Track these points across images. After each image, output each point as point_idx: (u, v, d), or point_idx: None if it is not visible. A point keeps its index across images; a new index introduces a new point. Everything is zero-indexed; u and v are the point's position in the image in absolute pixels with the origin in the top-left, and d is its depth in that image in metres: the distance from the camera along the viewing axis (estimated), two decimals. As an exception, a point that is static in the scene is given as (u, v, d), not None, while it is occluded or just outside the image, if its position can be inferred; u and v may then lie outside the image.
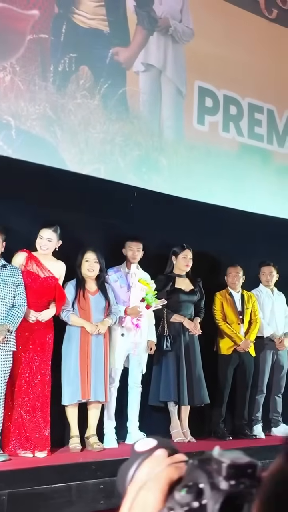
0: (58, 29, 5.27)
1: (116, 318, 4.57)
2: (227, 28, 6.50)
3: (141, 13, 5.89)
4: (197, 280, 5.24)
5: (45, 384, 4.24)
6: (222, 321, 5.34)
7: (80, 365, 4.32)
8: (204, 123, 6.20)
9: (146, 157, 5.68)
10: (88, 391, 4.30)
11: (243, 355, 5.32)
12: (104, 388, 4.37)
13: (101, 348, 4.42)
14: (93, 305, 4.48)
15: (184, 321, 5.03)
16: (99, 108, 5.41)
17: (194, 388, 4.97)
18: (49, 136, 5.07)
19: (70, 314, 4.40)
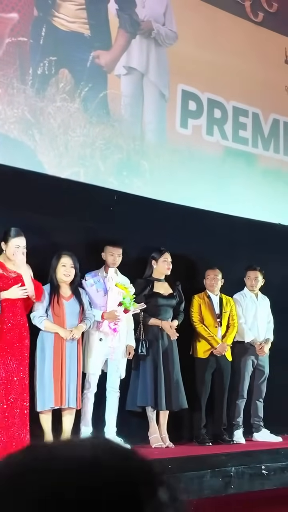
0: (38, 32, 5.24)
1: (90, 323, 4.54)
2: (212, 31, 6.48)
3: (123, 16, 5.87)
4: (176, 284, 5.21)
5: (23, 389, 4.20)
6: (199, 323, 5.30)
7: (54, 372, 4.29)
8: (187, 126, 6.17)
9: (127, 161, 5.65)
10: (62, 397, 4.27)
11: (220, 359, 5.28)
12: (76, 394, 4.33)
13: (74, 354, 4.39)
14: (67, 310, 4.45)
15: (161, 324, 4.99)
16: (79, 111, 5.38)
17: (172, 393, 4.93)
18: (27, 140, 5.04)
19: (43, 320, 4.36)
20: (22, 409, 4.17)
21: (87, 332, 4.67)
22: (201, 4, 6.46)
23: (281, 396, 5.79)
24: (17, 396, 4.15)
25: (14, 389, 4.15)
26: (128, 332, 4.85)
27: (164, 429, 5.04)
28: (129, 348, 4.83)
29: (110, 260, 4.85)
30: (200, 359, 5.27)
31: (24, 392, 4.21)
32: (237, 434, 5.39)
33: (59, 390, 4.27)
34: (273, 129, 6.85)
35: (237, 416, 5.43)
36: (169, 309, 5.10)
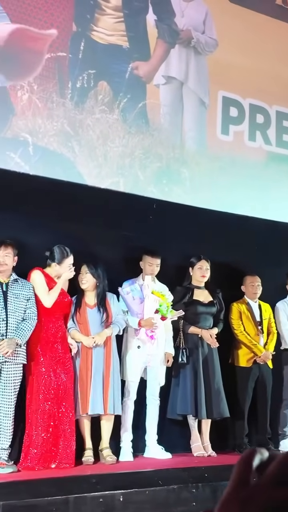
0: (76, 46, 5.37)
1: (118, 329, 4.56)
2: (253, 37, 6.44)
3: (162, 26, 5.93)
4: (217, 292, 5.18)
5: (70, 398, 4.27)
6: (240, 332, 5.24)
7: (80, 381, 4.35)
8: (228, 133, 6.15)
9: (166, 169, 5.68)
10: (87, 405, 4.30)
11: (262, 367, 5.20)
12: (103, 401, 4.35)
13: (100, 361, 4.42)
14: (90, 318, 4.49)
15: (201, 333, 4.97)
16: (118, 122, 5.46)
17: (213, 401, 4.89)
18: (66, 152, 5.16)
19: (71, 330, 4.44)
20: (71, 418, 4.23)
21: (126, 340, 4.71)
22: (241, 10, 6.43)
23: None
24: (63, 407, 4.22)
25: (60, 400, 4.22)
26: (167, 339, 4.86)
27: (206, 438, 5.01)
28: (167, 356, 4.84)
29: (148, 270, 4.88)
30: (242, 368, 5.20)
31: (70, 402, 4.26)
32: (284, 444, 5.29)
33: (84, 398, 4.31)
34: None
35: (283, 425, 5.33)
36: (209, 317, 5.07)
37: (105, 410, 4.35)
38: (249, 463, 0.56)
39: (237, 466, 0.57)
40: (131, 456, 4.59)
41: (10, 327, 4.07)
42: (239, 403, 5.15)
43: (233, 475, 0.56)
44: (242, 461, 0.56)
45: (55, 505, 3.28)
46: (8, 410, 4.05)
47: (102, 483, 3.57)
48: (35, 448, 4.08)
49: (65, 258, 4.41)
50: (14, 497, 3.23)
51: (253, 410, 5.29)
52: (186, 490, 3.83)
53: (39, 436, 4.10)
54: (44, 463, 4.08)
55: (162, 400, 4.90)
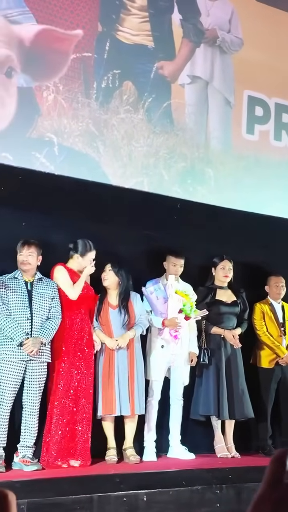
0: (102, 47, 5.38)
1: (141, 329, 4.55)
2: (279, 35, 6.39)
3: (187, 26, 5.91)
4: (241, 292, 5.15)
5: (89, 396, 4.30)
6: (263, 332, 5.20)
7: (103, 381, 4.35)
8: (253, 132, 6.11)
9: (191, 169, 5.66)
10: (110, 406, 4.31)
11: (285, 368, 5.16)
12: (129, 402, 4.36)
13: (124, 362, 4.42)
14: (112, 319, 4.49)
15: (223, 333, 4.95)
16: (143, 122, 5.46)
17: (236, 402, 4.86)
18: (91, 152, 5.17)
19: (96, 330, 4.45)
20: (88, 415, 4.26)
21: (149, 340, 4.71)
22: (267, 9, 6.38)
23: None
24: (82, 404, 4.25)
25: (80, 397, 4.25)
26: (190, 339, 4.84)
27: (230, 439, 4.98)
28: (191, 355, 4.82)
29: (172, 270, 4.87)
30: (264, 369, 5.17)
31: (89, 399, 4.30)
32: (307, 446, 5.23)
33: (108, 398, 4.32)
34: None
35: (306, 427, 5.28)
36: (232, 317, 5.05)
37: (132, 411, 4.36)
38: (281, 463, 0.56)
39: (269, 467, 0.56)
40: (154, 456, 4.59)
41: (35, 326, 4.10)
42: (261, 405, 5.12)
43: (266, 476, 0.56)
44: (274, 461, 0.56)
45: (79, 504, 3.30)
46: (33, 408, 4.08)
47: (125, 483, 3.57)
48: (54, 444, 4.12)
49: (88, 252, 4.46)
50: (39, 495, 3.25)
51: (277, 412, 5.24)
52: (210, 491, 3.81)
53: (58, 432, 4.14)
54: (63, 459, 4.10)
55: (185, 400, 4.88)
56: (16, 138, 4.82)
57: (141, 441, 4.65)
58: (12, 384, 4.01)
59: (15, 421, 4.16)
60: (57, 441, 4.14)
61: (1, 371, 4.02)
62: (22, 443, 4.06)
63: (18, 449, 4.07)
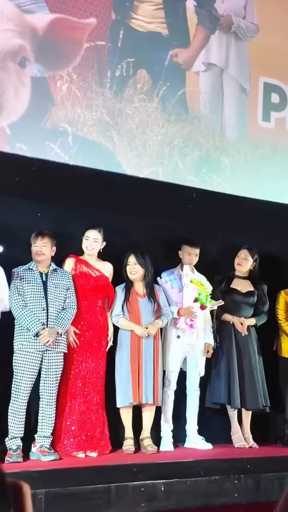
0: (115, 35, 5.33)
1: (167, 320, 4.54)
2: (295, 21, 6.28)
3: (202, 12, 5.83)
4: (261, 283, 5.09)
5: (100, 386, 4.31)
6: (284, 321, 5.15)
7: (131, 369, 4.35)
8: (269, 119, 6.03)
9: (206, 158, 5.61)
10: (139, 394, 4.31)
11: (305, 358, 5.10)
12: (154, 391, 4.35)
13: (151, 351, 4.41)
14: (142, 308, 4.48)
15: (232, 320, 4.90)
16: (158, 110, 5.41)
17: (249, 391, 4.81)
18: (106, 141, 5.14)
19: (120, 318, 4.43)
20: (99, 406, 4.27)
21: (165, 330, 4.69)
22: (283, -6, 6.28)
23: None
24: (95, 394, 4.26)
25: (92, 386, 4.26)
26: (205, 330, 4.81)
27: (247, 429, 4.95)
28: (207, 347, 4.79)
29: (187, 259, 4.84)
30: (284, 358, 5.12)
31: (102, 390, 4.30)
32: None
33: (136, 386, 4.32)
34: None
35: None
36: (246, 307, 5.00)
37: (156, 400, 4.36)
38: None
39: None
40: (171, 446, 4.58)
41: (50, 316, 4.09)
42: (280, 394, 5.08)
43: None
44: None
45: (97, 494, 3.30)
46: (50, 398, 4.09)
47: (143, 473, 3.57)
48: (71, 434, 4.13)
49: (86, 230, 4.47)
50: (57, 485, 3.26)
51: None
52: (228, 481, 3.80)
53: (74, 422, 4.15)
54: (79, 448, 4.11)
55: (202, 390, 4.86)
56: (30, 128, 4.80)
57: (158, 431, 4.64)
58: (29, 374, 4.02)
59: (32, 412, 4.17)
60: (74, 431, 4.16)
61: (18, 361, 4.03)
62: (40, 433, 4.07)
63: (36, 439, 4.08)
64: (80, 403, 4.21)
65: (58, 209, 4.69)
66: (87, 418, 4.20)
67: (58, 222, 4.64)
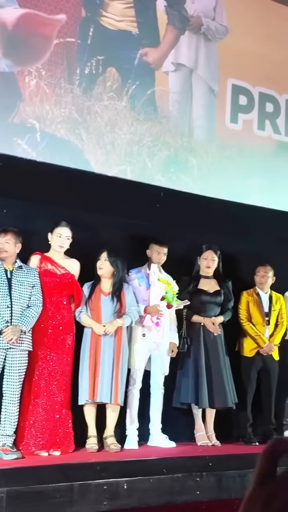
0: (85, 32, 5.31)
1: (131, 320, 4.54)
2: (264, 24, 6.36)
3: (172, 12, 5.86)
4: (226, 281, 5.15)
5: (65, 383, 4.29)
6: (246, 321, 5.22)
7: (89, 366, 4.34)
8: (237, 121, 6.09)
9: (175, 157, 5.63)
10: (94, 392, 4.31)
11: (266, 358, 5.18)
12: (112, 390, 4.35)
13: (111, 349, 4.41)
14: (103, 306, 4.48)
15: (203, 321, 4.95)
16: (127, 109, 5.41)
17: (217, 390, 4.87)
18: (74, 139, 5.12)
19: (81, 315, 4.43)
20: (64, 404, 4.25)
21: (131, 328, 4.70)
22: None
23: None
24: (60, 392, 4.24)
25: (57, 384, 4.24)
26: (171, 329, 4.84)
27: (210, 427, 5.00)
28: (172, 346, 4.82)
29: (156, 258, 4.86)
30: (246, 358, 5.19)
31: (66, 387, 4.28)
32: (287, 434, 5.27)
33: (92, 384, 4.32)
34: None
35: (286, 416, 5.32)
36: (214, 306, 5.05)
37: (115, 399, 4.35)
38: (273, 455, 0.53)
39: (259, 462, 0.54)
40: (136, 445, 4.59)
41: (15, 314, 4.06)
42: (242, 393, 5.14)
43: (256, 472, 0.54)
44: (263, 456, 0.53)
45: (59, 492, 3.29)
46: (13, 396, 4.06)
47: (106, 471, 3.57)
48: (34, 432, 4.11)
49: (55, 227, 4.44)
50: (19, 483, 3.23)
51: (258, 400, 5.28)
52: (191, 479, 3.83)
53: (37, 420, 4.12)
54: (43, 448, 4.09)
55: (166, 389, 4.89)
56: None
57: (122, 429, 4.65)
58: (-8, 372, 3.98)
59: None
60: (37, 430, 4.13)
61: (-19, 359, 3.98)
62: (2, 432, 4.03)
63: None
64: (44, 402, 4.19)
65: (25, 205, 4.65)
66: (51, 416, 4.18)
67: (24, 219, 4.60)
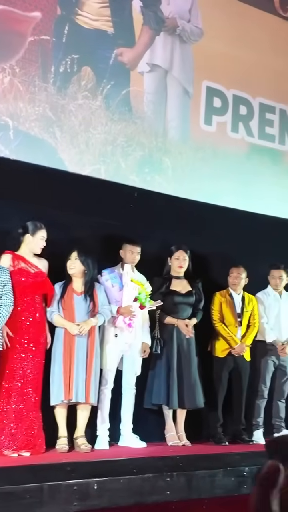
0: (60, 30, 5.28)
1: (104, 319, 4.53)
2: (238, 27, 6.41)
3: (148, 13, 5.87)
4: (196, 282, 5.17)
5: (37, 384, 4.26)
6: (218, 322, 5.26)
7: (63, 366, 4.32)
8: (211, 123, 6.13)
9: (149, 158, 5.64)
10: (70, 392, 4.29)
11: (238, 358, 5.22)
12: (86, 389, 4.34)
13: (84, 349, 4.39)
14: (76, 305, 4.45)
15: (176, 323, 4.97)
16: (101, 109, 5.40)
17: (187, 391, 4.89)
18: (48, 137, 5.09)
19: (54, 315, 4.40)
20: (36, 405, 4.22)
21: (103, 328, 4.68)
22: (227, 0, 6.40)
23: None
24: (32, 392, 4.20)
25: (29, 384, 4.20)
26: (144, 330, 4.85)
27: (181, 428, 5.02)
28: (144, 347, 4.83)
29: (130, 258, 4.86)
30: (218, 358, 5.23)
31: (39, 388, 4.25)
32: (257, 434, 5.33)
33: (67, 384, 4.30)
34: (301, 126, 6.73)
35: (257, 416, 5.37)
36: (186, 307, 5.07)
37: (87, 399, 4.34)
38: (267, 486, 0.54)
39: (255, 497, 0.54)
40: (107, 445, 4.58)
41: (-14, 313, 4.01)
42: (213, 393, 5.18)
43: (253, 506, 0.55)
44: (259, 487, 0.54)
45: (29, 493, 3.27)
46: (-17, 397, 4.01)
47: (77, 471, 3.55)
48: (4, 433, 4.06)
49: (38, 229, 4.42)
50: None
51: (230, 401, 5.32)
52: (161, 479, 3.84)
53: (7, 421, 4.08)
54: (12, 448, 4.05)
55: (138, 389, 4.89)
56: None
57: (93, 430, 4.64)
58: None
59: None
60: (8, 430, 4.09)
61: None
62: (-28, 432, 3.98)
63: None
64: (15, 402, 4.14)
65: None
66: (23, 416, 4.14)
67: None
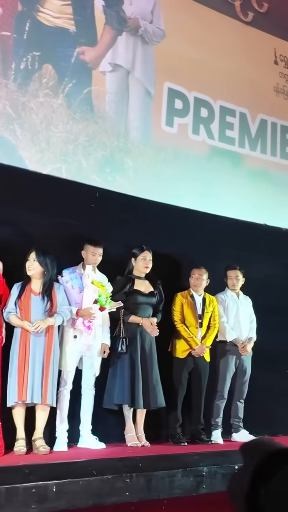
0: (21, 27, 5.22)
1: (62, 319, 4.48)
2: (200, 30, 6.46)
3: (110, 13, 5.85)
4: (157, 283, 5.17)
5: None
6: (179, 323, 5.27)
7: (18, 367, 4.25)
8: (173, 125, 6.15)
9: (110, 158, 5.62)
10: (24, 392, 4.22)
11: (198, 359, 5.25)
12: (42, 390, 4.28)
13: (41, 349, 4.34)
14: (33, 305, 4.39)
15: (141, 321, 4.96)
16: (63, 107, 5.36)
17: (150, 391, 4.88)
18: (8, 135, 5.02)
19: (10, 315, 4.33)
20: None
21: (62, 330, 4.63)
22: (189, 3, 6.44)
23: (262, 397, 5.76)
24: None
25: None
26: (103, 330, 4.82)
27: (140, 428, 5.01)
28: (104, 347, 4.80)
29: (91, 260, 4.82)
30: (177, 359, 5.24)
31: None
32: (215, 434, 5.36)
33: (21, 385, 4.23)
34: (261, 129, 6.82)
35: (216, 416, 5.40)
36: (148, 307, 5.06)
37: (44, 400, 4.27)
38: None
39: None
40: (66, 446, 4.53)
41: None
42: (172, 393, 5.18)
43: None
44: None
45: (-15, 496, 3.19)
46: None
47: (35, 474, 3.50)
48: None
49: None
50: None
51: (189, 401, 5.33)
52: (120, 480, 3.81)
53: None
54: None
55: (97, 390, 4.86)
56: None
57: (52, 431, 4.58)
58: None
59: None
60: None
61: None
62: None
63: None
64: None
65: None
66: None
67: None
